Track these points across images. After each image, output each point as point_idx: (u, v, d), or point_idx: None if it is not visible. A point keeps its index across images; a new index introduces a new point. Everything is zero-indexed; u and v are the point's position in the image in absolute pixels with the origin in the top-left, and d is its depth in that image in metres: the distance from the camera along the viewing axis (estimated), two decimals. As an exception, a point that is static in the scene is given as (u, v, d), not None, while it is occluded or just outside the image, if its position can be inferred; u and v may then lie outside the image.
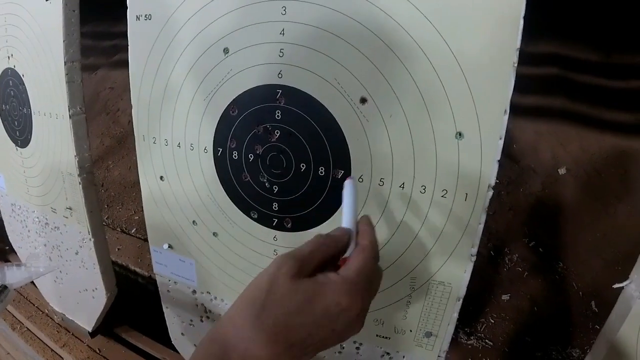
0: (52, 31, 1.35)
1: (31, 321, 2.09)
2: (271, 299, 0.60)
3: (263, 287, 0.61)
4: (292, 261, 0.62)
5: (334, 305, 0.60)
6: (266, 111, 1.01)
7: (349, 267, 0.63)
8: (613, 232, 2.23)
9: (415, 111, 0.86)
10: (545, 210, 2.40)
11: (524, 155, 2.62)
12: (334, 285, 0.61)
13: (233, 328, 0.60)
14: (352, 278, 0.62)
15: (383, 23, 0.84)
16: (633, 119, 2.58)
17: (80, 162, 1.44)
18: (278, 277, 0.61)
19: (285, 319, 0.59)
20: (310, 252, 0.65)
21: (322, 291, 0.60)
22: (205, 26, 1.03)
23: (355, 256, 0.65)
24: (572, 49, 2.93)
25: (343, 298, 0.60)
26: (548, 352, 1.89)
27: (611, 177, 2.41)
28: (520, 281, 2.18)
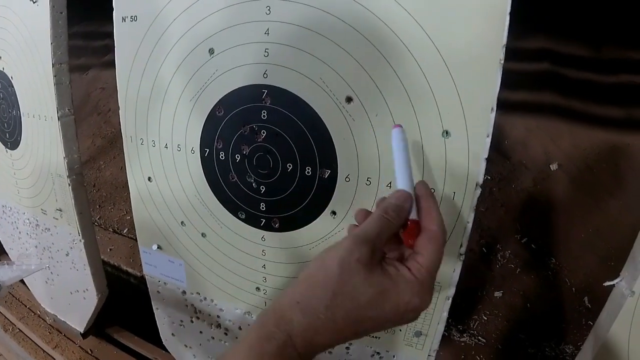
0: (40, 33, 1.34)
1: (23, 322, 2.09)
2: (343, 290, 0.59)
3: (334, 272, 0.59)
4: (365, 247, 0.60)
5: (404, 304, 0.59)
6: (252, 111, 1.01)
7: (422, 262, 0.62)
8: (605, 227, 2.24)
9: (402, 110, 0.85)
10: (537, 206, 2.40)
11: (515, 151, 2.62)
12: (408, 284, 0.60)
13: (301, 314, 0.59)
14: (426, 278, 0.61)
15: (368, 21, 0.83)
16: (624, 114, 2.58)
17: (69, 164, 1.44)
18: (350, 264, 0.59)
19: (356, 312, 0.58)
20: (379, 234, 0.63)
21: (396, 289, 0.60)
22: (190, 27, 1.03)
23: (430, 248, 0.63)
24: (563, 44, 2.93)
25: (415, 298, 0.60)
26: (541, 348, 1.89)
27: (603, 172, 2.41)
28: (512, 278, 2.18)
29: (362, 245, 0.60)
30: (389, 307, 0.59)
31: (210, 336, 1.41)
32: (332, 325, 0.58)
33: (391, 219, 0.64)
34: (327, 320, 0.58)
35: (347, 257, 0.59)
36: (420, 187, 0.71)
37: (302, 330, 0.58)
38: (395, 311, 0.59)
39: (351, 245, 0.60)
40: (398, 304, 0.59)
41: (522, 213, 2.41)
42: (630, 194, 2.29)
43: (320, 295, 0.59)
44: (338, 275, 0.59)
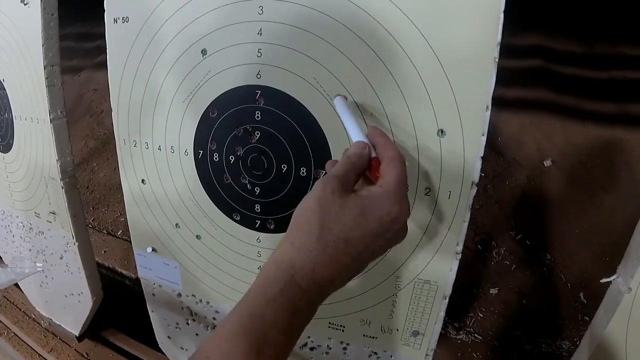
0: (31, 35, 1.34)
1: (18, 326, 2.09)
2: (327, 219, 0.64)
3: (314, 209, 0.65)
4: (335, 180, 0.66)
5: (386, 215, 0.65)
6: (246, 112, 1.00)
7: (387, 179, 0.67)
8: (600, 223, 2.24)
9: (396, 109, 0.85)
10: (532, 202, 2.41)
11: (508, 148, 2.62)
12: (381, 196, 0.66)
13: (297, 251, 0.64)
14: (395, 188, 0.66)
15: (361, 20, 0.83)
16: (617, 109, 2.59)
17: (62, 166, 1.43)
18: (327, 196, 0.65)
19: (344, 234, 0.63)
20: (346, 171, 0.68)
21: (372, 203, 0.65)
22: (182, 28, 1.02)
23: (389, 168, 0.68)
24: (555, 40, 2.94)
25: (393, 207, 0.65)
26: (537, 344, 1.90)
27: (596, 168, 2.42)
28: (508, 274, 2.19)
29: (332, 180, 0.66)
30: (372, 222, 0.64)
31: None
32: (327, 254, 0.63)
33: (354, 159, 0.70)
34: (321, 251, 0.63)
35: (321, 192, 0.66)
36: (371, 131, 0.77)
37: (300, 266, 0.63)
38: (379, 224, 0.65)
39: (323, 183, 0.67)
40: (380, 216, 0.65)
41: (516, 210, 2.42)
42: (624, 189, 2.30)
43: (308, 230, 0.64)
44: (319, 209, 0.64)
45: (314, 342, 1.21)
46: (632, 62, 2.71)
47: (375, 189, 0.67)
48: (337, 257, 0.63)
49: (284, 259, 0.64)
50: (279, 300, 0.61)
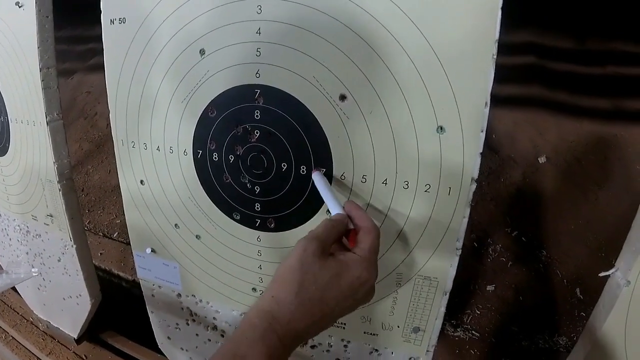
0: (26, 38, 1.33)
1: (16, 330, 2.08)
2: (306, 278, 0.72)
3: (296, 267, 0.73)
4: (316, 243, 0.75)
5: (356, 279, 0.74)
6: (245, 111, 1.01)
7: (363, 247, 0.77)
8: (595, 218, 2.25)
9: (396, 107, 0.85)
10: (527, 199, 2.41)
11: (503, 145, 2.63)
12: (355, 262, 0.75)
13: (277, 304, 0.71)
14: (368, 256, 0.76)
15: (359, 18, 0.83)
16: (611, 105, 2.60)
17: (59, 169, 1.43)
18: (307, 257, 0.73)
19: (319, 294, 0.71)
20: (326, 236, 0.77)
21: (346, 268, 0.74)
22: (180, 28, 1.02)
23: (365, 238, 0.78)
24: (548, 37, 2.94)
25: (363, 272, 0.74)
26: (534, 340, 1.90)
27: (591, 164, 2.42)
28: (504, 271, 2.19)
29: (313, 242, 0.75)
30: (345, 285, 0.73)
31: (207, 338, 1.40)
32: (302, 309, 0.71)
33: (334, 225, 0.80)
34: (298, 306, 0.71)
35: (303, 253, 0.74)
36: (348, 205, 0.87)
37: (278, 318, 0.70)
38: (351, 287, 0.74)
39: (305, 244, 0.75)
40: (352, 280, 0.73)
41: (511, 206, 2.42)
42: (619, 185, 2.30)
43: (288, 287, 0.72)
44: (299, 268, 0.72)
45: (315, 340, 1.21)
46: (626, 58, 2.72)
47: (351, 255, 0.76)
48: (312, 313, 0.72)
49: (265, 309, 0.71)
50: (259, 346, 0.68)
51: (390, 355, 1.13)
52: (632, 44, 2.73)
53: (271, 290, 0.74)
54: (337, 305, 0.73)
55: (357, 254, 0.76)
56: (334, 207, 0.87)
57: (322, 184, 0.93)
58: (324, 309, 0.72)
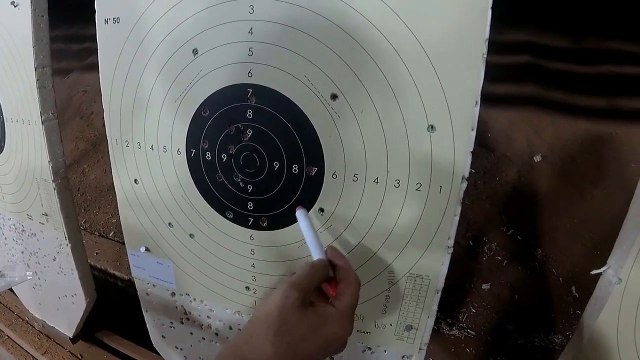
0: (22, 37, 1.33)
1: (11, 329, 2.08)
2: (283, 327, 0.73)
3: (274, 314, 0.74)
4: (297, 293, 0.76)
5: (332, 334, 0.76)
6: (237, 111, 1.01)
7: (342, 301, 0.80)
8: (590, 217, 2.26)
9: (386, 105, 0.86)
10: (522, 198, 2.42)
11: (498, 144, 2.63)
12: (333, 318, 0.77)
13: (250, 350, 0.73)
14: (346, 311, 0.79)
15: (350, 18, 0.84)
16: (606, 104, 2.61)
17: (54, 168, 1.43)
18: (287, 307, 0.75)
19: (294, 344, 0.73)
20: (308, 283, 0.79)
21: (324, 322, 0.76)
22: (173, 28, 1.03)
23: (346, 291, 0.81)
24: (543, 36, 2.95)
25: (339, 328, 0.77)
26: (530, 339, 1.91)
27: (586, 162, 2.43)
28: (500, 270, 2.20)
29: (294, 291, 0.77)
30: (320, 338, 0.75)
31: (201, 337, 1.41)
32: (277, 357, 0.72)
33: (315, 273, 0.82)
34: (272, 353, 0.72)
35: (283, 301, 0.76)
36: (330, 252, 0.91)
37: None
38: (325, 341, 0.76)
39: (286, 291, 0.77)
40: (327, 334, 0.76)
41: (507, 205, 2.43)
42: (614, 184, 2.31)
43: (265, 333, 0.73)
44: (277, 316, 0.74)
45: (308, 339, 1.21)
46: (621, 57, 2.72)
47: (330, 309, 0.79)
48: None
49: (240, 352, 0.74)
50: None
51: (383, 353, 1.13)
52: (627, 43, 2.74)
53: (249, 330, 0.77)
54: (309, 356, 0.75)
55: (336, 308, 0.79)
56: (316, 252, 0.89)
57: (305, 224, 0.95)
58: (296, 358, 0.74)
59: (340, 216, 0.99)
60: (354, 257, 1.01)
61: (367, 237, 0.98)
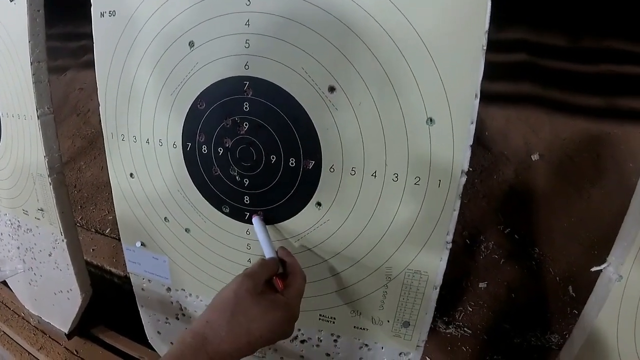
0: (18, 32, 1.33)
1: (7, 325, 2.08)
2: (238, 310, 0.83)
3: (231, 299, 0.84)
4: (251, 281, 0.86)
5: (280, 317, 0.86)
6: (234, 103, 1.00)
7: (290, 291, 0.90)
8: (588, 216, 2.25)
9: (385, 98, 0.85)
10: (520, 196, 2.42)
11: (496, 142, 2.63)
12: (282, 304, 0.87)
13: (210, 329, 0.82)
14: (294, 299, 0.89)
15: (348, 9, 0.83)
16: (604, 103, 2.60)
17: (50, 163, 1.43)
18: (242, 292, 0.85)
19: (247, 324, 0.83)
20: (260, 274, 0.90)
21: (274, 307, 0.86)
22: (169, 20, 1.02)
23: (293, 283, 0.92)
24: (540, 34, 2.95)
25: (287, 313, 0.87)
26: (527, 338, 1.90)
27: (584, 161, 2.43)
28: (496, 268, 2.19)
29: (248, 281, 0.87)
30: (270, 321, 0.85)
31: (197, 333, 1.40)
32: (232, 336, 0.82)
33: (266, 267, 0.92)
34: (229, 332, 0.82)
35: (239, 288, 0.86)
36: (281, 251, 1.01)
37: (211, 340, 0.81)
38: (274, 324, 0.85)
39: (241, 280, 0.87)
40: (276, 318, 0.85)
41: (504, 204, 2.42)
42: (612, 183, 2.31)
43: (222, 315, 0.83)
44: (234, 300, 0.84)
45: (305, 335, 1.21)
46: (619, 55, 2.72)
47: (279, 297, 0.89)
48: (239, 340, 0.82)
49: (199, 332, 0.82)
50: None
51: (380, 350, 1.13)
52: (626, 42, 2.74)
53: (207, 314, 0.85)
54: (261, 337, 0.84)
55: (285, 297, 0.89)
56: (268, 252, 0.99)
57: (260, 229, 1.05)
58: (249, 339, 0.83)
59: (337, 210, 0.99)
60: (351, 252, 1.02)
61: (365, 232, 0.98)
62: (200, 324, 0.84)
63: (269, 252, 0.98)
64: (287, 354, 1.29)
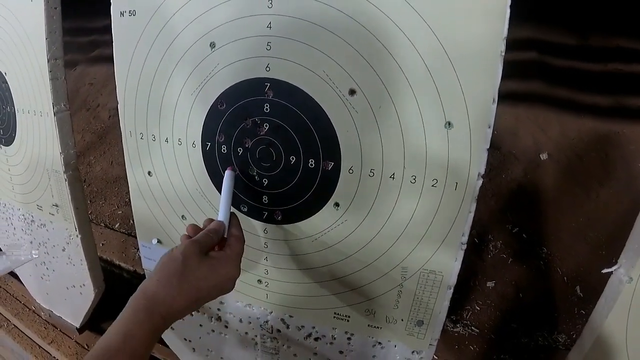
0: (35, 29, 1.34)
1: (18, 318, 2.09)
2: (187, 270, 0.87)
3: (179, 261, 0.87)
4: (197, 245, 0.91)
5: (225, 273, 0.92)
6: (254, 105, 1.01)
7: (232, 250, 0.95)
8: (596, 216, 2.25)
9: (405, 102, 0.86)
10: (528, 196, 2.42)
11: (505, 141, 2.63)
12: (226, 261, 0.92)
13: (162, 289, 0.85)
14: (235, 258, 0.95)
15: (370, 14, 0.84)
16: (613, 102, 2.60)
17: (65, 159, 1.45)
18: (190, 254, 0.88)
19: (196, 283, 0.87)
20: (205, 241, 0.94)
21: (220, 265, 0.91)
22: (190, 21, 1.03)
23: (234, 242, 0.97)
24: (550, 33, 2.94)
25: (231, 269, 0.93)
26: (534, 337, 1.91)
27: (592, 161, 2.43)
28: (504, 268, 2.20)
29: (195, 245, 0.91)
30: (216, 277, 0.90)
31: (210, 329, 1.41)
32: (183, 294, 0.85)
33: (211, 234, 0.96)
34: (180, 291, 0.85)
35: (186, 250, 0.89)
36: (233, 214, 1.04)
37: (162, 300, 0.84)
38: (220, 279, 0.91)
39: (188, 244, 0.90)
40: (222, 274, 0.91)
41: (513, 203, 2.43)
42: (620, 183, 2.31)
43: (172, 275, 0.86)
44: (182, 261, 0.87)
45: (319, 333, 1.22)
46: (628, 55, 2.72)
47: (222, 254, 0.94)
48: (189, 297, 0.86)
49: (150, 293, 0.85)
50: (146, 325, 0.81)
51: (393, 348, 1.14)
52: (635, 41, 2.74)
53: (157, 274, 0.87)
54: (208, 293, 0.90)
55: (226, 254, 0.94)
56: (222, 214, 1.02)
57: (228, 185, 1.06)
58: (198, 295, 0.88)
59: (355, 211, 0.99)
60: (368, 252, 1.03)
61: (382, 233, 0.99)
62: (151, 284, 0.87)
63: (223, 214, 1.02)
64: (300, 351, 1.30)
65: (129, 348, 0.79)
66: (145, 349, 0.82)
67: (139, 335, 0.80)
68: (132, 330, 0.80)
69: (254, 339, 1.36)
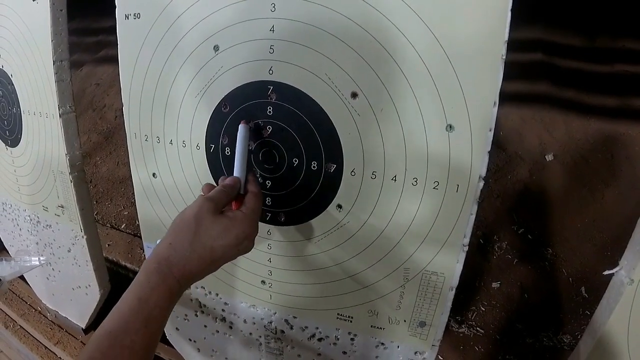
0: (40, 30, 1.35)
1: (24, 319, 2.10)
2: (200, 230, 0.84)
3: (192, 221, 0.85)
4: (211, 203, 0.87)
5: (241, 233, 0.87)
6: (258, 107, 1.02)
7: (248, 207, 0.91)
8: (601, 217, 2.25)
9: (406, 105, 0.87)
10: (533, 197, 2.42)
11: (510, 142, 2.63)
12: (241, 219, 0.88)
13: (174, 251, 0.83)
14: (252, 215, 0.90)
15: (372, 18, 0.85)
16: (618, 103, 2.60)
17: (71, 160, 1.45)
18: (202, 213, 0.86)
19: (210, 243, 0.85)
20: (219, 197, 0.90)
21: (234, 224, 0.87)
22: (194, 24, 1.04)
23: (251, 199, 0.93)
24: (556, 34, 2.94)
25: (247, 228, 0.88)
26: (539, 338, 1.91)
27: (598, 162, 2.43)
28: (509, 268, 2.20)
29: (208, 202, 0.87)
30: (232, 237, 0.86)
31: (215, 330, 1.42)
32: (196, 255, 0.84)
33: (227, 190, 0.92)
34: (192, 252, 0.83)
35: (198, 209, 0.86)
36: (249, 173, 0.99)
37: (176, 262, 0.83)
38: (236, 239, 0.87)
39: (201, 202, 0.87)
40: (237, 233, 0.87)
41: (518, 204, 2.43)
42: (626, 184, 2.31)
43: (185, 236, 0.84)
44: (195, 221, 0.85)
45: (322, 333, 1.22)
46: (635, 56, 2.72)
47: (238, 213, 0.89)
48: (204, 258, 0.85)
49: (164, 255, 0.84)
50: (160, 288, 0.80)
51: (396, 349, 1.14)
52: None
53: (169, 238, 0.86)
54: (224, 254, 0.87)
55: (243, 212, 0.90)
56: (238, 170, 0.97)
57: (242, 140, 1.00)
58: (213, 256, 0.85)
59: (357, 213, 1.00)
60: (370, 253, 1.03)
61: (384, 234, 0.99)
62: (163, 247, 0.85)
63: (238, 170, 0.98)
64: (304, 352, 1.30)
65: (143, 312, 0.79)
66: (160, 312, 0.81)
67: (153, 299, 0.79)
68: (146, 294, 0.80)
69: (258, 339, 1.36)
